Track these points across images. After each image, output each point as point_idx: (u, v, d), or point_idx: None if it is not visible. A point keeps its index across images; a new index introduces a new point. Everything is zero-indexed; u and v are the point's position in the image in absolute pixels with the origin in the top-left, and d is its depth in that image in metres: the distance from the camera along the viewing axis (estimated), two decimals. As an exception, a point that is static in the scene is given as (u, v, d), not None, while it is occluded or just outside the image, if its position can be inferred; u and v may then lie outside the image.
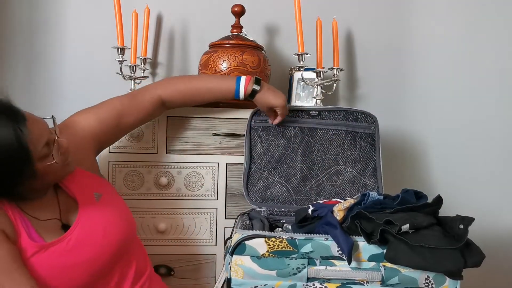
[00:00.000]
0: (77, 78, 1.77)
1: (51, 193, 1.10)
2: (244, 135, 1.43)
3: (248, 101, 1.37)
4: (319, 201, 1.24)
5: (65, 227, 1.07)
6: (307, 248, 0.98)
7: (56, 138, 1.01)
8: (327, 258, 0.99)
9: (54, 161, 0.99)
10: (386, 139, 1.78)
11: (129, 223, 1.17)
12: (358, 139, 1.42)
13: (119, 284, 1.10)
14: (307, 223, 1.15)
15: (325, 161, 1.43)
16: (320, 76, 1.57)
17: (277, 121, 1.38)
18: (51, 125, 1.04)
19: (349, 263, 0.96)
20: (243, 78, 1.34)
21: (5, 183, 0.96)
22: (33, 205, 1.05)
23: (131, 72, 1.60)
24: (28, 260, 0.98)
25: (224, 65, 1.53)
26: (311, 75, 1.60)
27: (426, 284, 0.98)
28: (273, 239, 0.98)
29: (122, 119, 1.27)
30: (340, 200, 1.14)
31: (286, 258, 0.98)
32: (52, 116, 1.05)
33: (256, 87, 1.33)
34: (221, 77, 1.41)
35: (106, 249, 1.07)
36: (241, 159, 1.44)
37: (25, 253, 0.98)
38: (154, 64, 1.82)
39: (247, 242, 0.98)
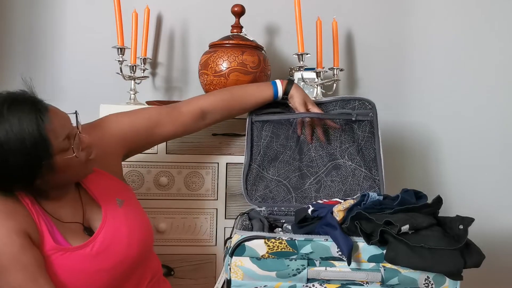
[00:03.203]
0: (77, 78, 1.78)
1: (73, 194, 1.09)
2: (244, 134, 1.43)
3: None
4: (318, 201, 1.24)
5: (87, 230, 1.06)
6: (306, 249, 0.98)
7: (78, 133, 1.00)
8: (327, 259, 0.99)
9: (74, 155, 0.98)
10: (386, 139, 1.78)
11: (149, 231, 1.16)
12: (356, 129, 1.39)
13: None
14: (306, 224, 1.15)
15: (323, 157, 1.41)
16: (320, 76, 1.57)
17: (316, 109, 1.39)
18: (74, 120, 1.03)
19: (349, 264, 0.96)
20: (278, 81, 1.41)
21: (24, 173, 0.94)
22: (55, 205, 1.04)
23: (131, 72, 1.60)
24: (52, 263, 0.97)
25: (224, 65, 1.53)
26: (311, 75, 1.60)
27: (426, 285, 0.98)
28: (273, 240, 0.98)
29: (155, 129, 1.24)
30: (340, 200, 1.14)
31: (285, 259, 0.98)
32: (76, 111, 1.04)
33: (289, 86, 1.40)
34: (256, 83, 1.46)
35: (129, 257, 1.07)
36: (241, 159, 1.44)
37: (49, 256, 0.98)
38: (154, 64, 1.82)
39: (246, 243, 0.98)
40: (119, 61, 1.56)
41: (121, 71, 1.57)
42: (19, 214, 0.97)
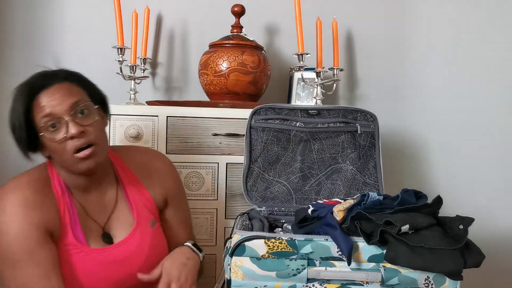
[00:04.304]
0: (77, 78, 1.77)
1: (110, 195, 1.12)
2: (244, 135, 1.43)
3: (249, 101, 1.36)
4: (319, 201, 1.24)
5: (106, 235, 1.08)
6: (306, 249, 0.98)
7: (67, 119, 0.99)
8: (327, 259, 0.99)
9: (50, 138, 0.99)
10: (386, 139, 1.78)
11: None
12: (357, 138, 1.41)
13: None
14: (306, 224, 1.15)
15: (324, 160, 1.42)
16: (320, 76, 1.57)
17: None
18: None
19: (349, 263, 0.96)
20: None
21: (25, 140, 1.02)
22: (86, 196, 1.08)
23: (131, 72, 1.60)
24: (69, 256, 1.01)
25: (224, 65, 1.53)
26: (311, 75, 1.60)
27: (426, 285, 0.98)
28: (273, 240, 0.98)
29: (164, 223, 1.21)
30: (340, 200, 1.14)
31: (286, 259, 0.98)
32: (102, 97, 1.11)
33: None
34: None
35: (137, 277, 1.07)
36: (241, 159, 1.44)
37: (67, 250, 1.01)
38: (154, 64, 1.82)
39: (246, 243, 0.98)
40: (119, 61, 1.56)
41: (121, 71, 1.57)
42: (45, 206, 1.00)
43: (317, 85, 1.58)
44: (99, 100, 1.10)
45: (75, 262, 1.02)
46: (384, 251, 0.97)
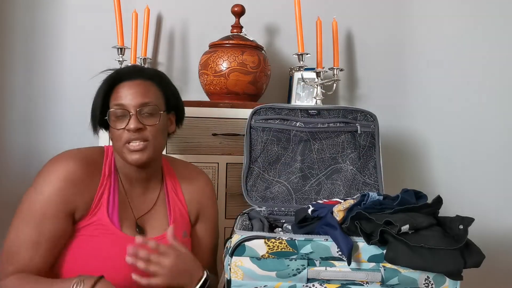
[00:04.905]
0: (77, 78, 1.77)
1: (152, 193, 1.18)
2: (244, 135, 1.43)
3: (249, 101, 1.37)
4: (319, 201, 1.24)
5: (139, 228, 1.12)
6: (306, 249, 0.98)
7: (132, 114, 1.07)
8: (327, 259, 0.99)
9: (113, 124, 1.09)
10: (386, 139, 1.78)
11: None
12: (357, 138, 1.41)
13: None
14: (306, 224, 1.15)
15: (324, 160, 1.42)
16: (320, 76, 1.57)
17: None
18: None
19: (349, 263, 0.96)
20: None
21: (97, 112, 1.13)
22: (133, 187, 1.15)
23: (131, 72, 1.60)
24: (98, 237, 1.05)
25: (224, 65, 1.53)
26: (311, 75, 1.60)
27: (426, 285, 0.98)
28: (273, 240, 0.98)
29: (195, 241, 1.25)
30: (340, 200, 1.14)
31: (286, 259, 0.98)
32: (178, 104, 1.22)
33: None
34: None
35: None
36: (241, 159, 1.44)
37: (97, 228, 1.05)
38: (154, 64, 1.82)
39: (246, 243, 0.98)
40: (119, 61, 1.56)
41: (121, 71, 1.57)
42: (84, 183, 1.07)
43: (317, 85, 1.58)
44: (174, 106, 1.20)
45: (103, 243, 1.05)
46: (384, 251, 0.97)
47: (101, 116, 1.12)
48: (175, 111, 1.21)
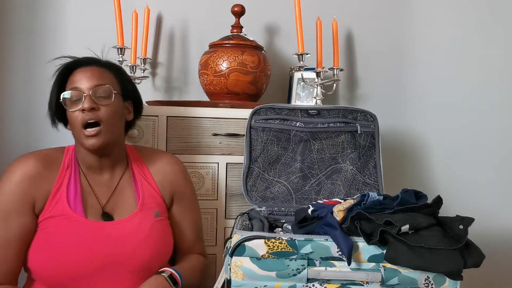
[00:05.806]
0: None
1: (118, 180, 1.18)
2: (244, 135, 1.43)
3: (249, 101, 1.36)
4: (319, 201, 1.24)
5: (105, 214, 1.13)
6: (306, 249, 0.98)
7: (85, 95, 1.09)
8: (327, 259, 0.99)
9: (68, 107, 1.10)
10: (386, 139, 1.78)
11: (163, 255, 1.18)
12: (357, 138, 1.42)
13: None
14: (307, 224, 1.15)
15: (324, 160, 1.43)
16: (320, 76, 1.57)
17: None
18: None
19: (349, 264, 0.96)
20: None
21: (54, 102, 1.14)
22: (96, 174, 1.16)
23: (131, 72, 1.60)
24: (61, 228, 1.07)
25: (224, 65, 1.53)
26: (311, 75, 1.60)
27: (426, 285, 0.98)
28: (273, 240, 0.98)
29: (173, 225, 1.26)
30: (340, 200, 1.14)
31: (286, 259, 0.98)
32: (135, 94, 1.23)
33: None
34: None
35: (123, 259, 1.09)
36: (241, 159, 1.44)
37: (59, 220, 1.07)
38: (154, 64, 1.82)
39: (246, 243, 0.98)
40: (119, 61, 1.56)
41: (121, 71, 1.57)
42: (41, 178, 1.10)
43: (317, 85, 1.58)
44: (131, 96, 1.22)
45: (69, 232, 1.07)
46: (384, 251, 0.97)
47: (59, 108, 1.14)
48: (132, 101, 1.23)
